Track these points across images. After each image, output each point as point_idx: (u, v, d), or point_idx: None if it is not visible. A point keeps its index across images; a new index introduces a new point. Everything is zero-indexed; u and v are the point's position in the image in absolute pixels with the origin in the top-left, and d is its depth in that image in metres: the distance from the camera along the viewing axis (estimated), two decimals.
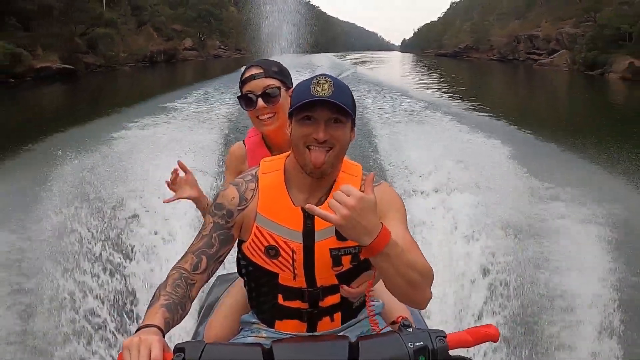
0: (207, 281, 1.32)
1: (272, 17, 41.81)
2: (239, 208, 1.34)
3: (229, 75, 19.72)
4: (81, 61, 27.31)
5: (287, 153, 1.39)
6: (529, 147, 7.74)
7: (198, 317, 2.03)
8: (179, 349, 1.09)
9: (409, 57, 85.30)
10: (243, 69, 1.91)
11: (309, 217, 1.31)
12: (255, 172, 1.39)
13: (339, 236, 1.28)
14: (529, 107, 17.50)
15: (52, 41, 25.14)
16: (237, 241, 1.39)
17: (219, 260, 1.33)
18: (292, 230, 1.32)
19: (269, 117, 1.74)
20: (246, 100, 1.77)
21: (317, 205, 1.23)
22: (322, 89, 1.23)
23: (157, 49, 39.38)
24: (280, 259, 1.33)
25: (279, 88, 1.76)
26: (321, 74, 1.28)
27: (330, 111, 1.24)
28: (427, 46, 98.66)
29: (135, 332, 1.09)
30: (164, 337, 1.09)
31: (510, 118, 11.77)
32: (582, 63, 34.54)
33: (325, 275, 1.35)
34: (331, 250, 1.32)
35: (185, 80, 24.68)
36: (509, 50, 51.76)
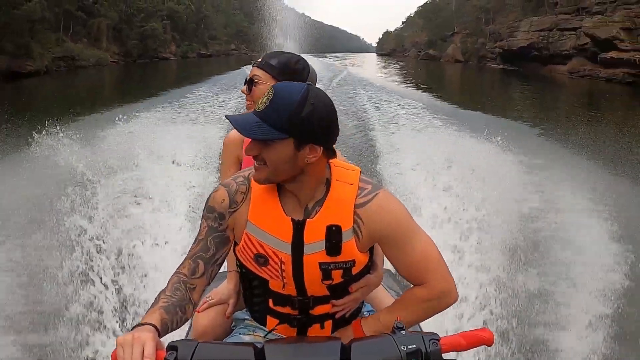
0: (208, 284, 1.34)
1: (272, 28, 70.07)
2: (230, 210, 1.32)
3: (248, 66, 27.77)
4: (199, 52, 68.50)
5: None
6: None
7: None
8: (172, 347, 1.10)
9: (371, 56, 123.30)
10: None
11: (298, 229, 1.28)
12: (248, 175, 1.34)
13: (330, 251, 1.27)
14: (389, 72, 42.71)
15: (195, 43, 66.62)
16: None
17: (217, 263, 1.34)
18: (281, 240, 1.29)
19: (248, 104, 1.85)
20: (244, 82, 1.87)
21: (311, 216, 1.28)
22: (261, 102, 1.20)
23: (222, 48, 79.66)
24: (269, 267, 1.31)
25: (251, 80, 1.81)
26: (267, 89, 1.22)
27: None
28: (381, 49, 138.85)
29: (131, 330, 1.10)
30: (159, 335, 1.10)
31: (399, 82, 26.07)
32: (422, 55, 75.07)
33: (315, 286, 1.33)
34: (320, 264, 1.29)
35: (237, 64, 41.57)
36: (408, 51, 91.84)
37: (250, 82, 1.82)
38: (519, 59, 45.49)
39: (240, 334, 1.49)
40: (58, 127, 5.77)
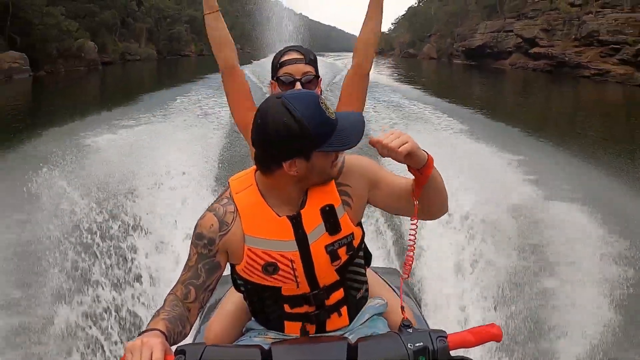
0: (200, 309, 1.36)
1: (272, 29, 70.14)
2: (221, 234, 1.33)
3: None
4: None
5: (253, 168, 1.37)
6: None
7: (199, 319, 1.95)
8: (180, 351, 1.12)
9: None
10: (275, 53, 1.95)
11: (298, 224, 1.32)
12: (230, 193, 1.36)
13: (331, 230, 1.32)
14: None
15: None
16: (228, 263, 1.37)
17: (209, 289, 1.35)
18: (285, 241, 1.32)
19: None
20: (285, 83, 1.80)
21: (299, 210, 1.32)
22: (329, 110, 1.24)
23: None
24: (280, 272, 1.34)
25: (317, 77, 1.84)
26: (316, 96, 1.25)
27: None
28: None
29: (138, 335, 1.12)
30: (166, 340, 1.13)
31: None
32: (403, 53, 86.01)
33: (326, 274, 1.37)
34: (326, 247, 1.33)
35: (243, 62, 52.07)
36: (394, 50, 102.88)
37: (316, 78, 1.83)
38: (477, 55, 55.84)
39: (250, 337, 1.50)
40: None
